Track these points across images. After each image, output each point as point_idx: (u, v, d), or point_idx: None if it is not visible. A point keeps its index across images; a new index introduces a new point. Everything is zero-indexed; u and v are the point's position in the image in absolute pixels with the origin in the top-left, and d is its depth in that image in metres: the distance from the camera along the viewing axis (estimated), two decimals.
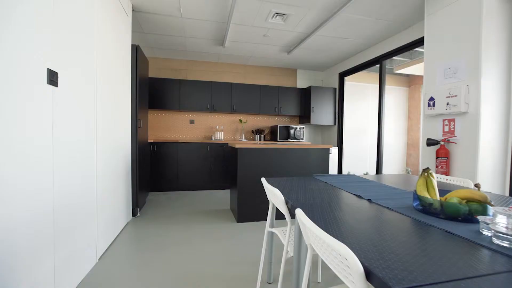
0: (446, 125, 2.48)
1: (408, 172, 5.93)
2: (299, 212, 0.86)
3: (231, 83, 4.88)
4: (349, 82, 5.33)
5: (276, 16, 3.16)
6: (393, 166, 6.45)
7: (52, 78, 1.32)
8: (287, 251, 1.22)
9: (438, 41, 2.55)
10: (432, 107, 2.57)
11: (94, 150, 1.90)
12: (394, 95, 6.57)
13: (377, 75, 6.35)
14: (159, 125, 4.91)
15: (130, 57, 2.88)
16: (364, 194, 1.28)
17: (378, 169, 4.06)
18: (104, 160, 2.12)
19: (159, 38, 3.94)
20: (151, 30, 3.64)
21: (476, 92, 2.22)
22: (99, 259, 1.98)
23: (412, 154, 6.40)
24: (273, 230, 1.54)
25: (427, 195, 1.02)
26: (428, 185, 1.05)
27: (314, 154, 3.13)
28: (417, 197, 1.03)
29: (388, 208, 1.06)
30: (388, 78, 6.52)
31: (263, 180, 1.50)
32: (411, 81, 6.40)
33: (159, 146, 4.33)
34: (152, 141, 4.25)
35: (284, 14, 3.11)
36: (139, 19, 3.30)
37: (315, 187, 1.45)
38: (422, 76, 6.16)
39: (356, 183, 1.58)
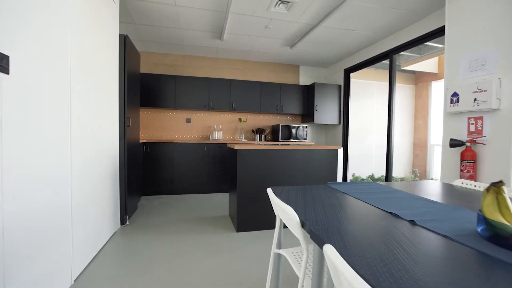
0: (472, 123, 2.20)
1: (415, 174, 5.66)
2: (330, 251, 0.58)
3: (230, 80, 4.59)
4: (353, 80, 5.04)
5: (279, 4, 2.87)
6: (398, 167, 6.18)
7: (0, 62, 1.03)
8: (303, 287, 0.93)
9: (463, 29, 2.27)
10: (456, 104, 2.29)
11: (67, 153, 1.60)
12: (400, 93, 6.29)
13: (382, 72, 6.09)
14: (153, 124, 4.61)
15: (117, 49, 2.59)
16: (401, 211, 0.99)
17: (388, 172, 3.78)
18: (83, 164, 1.83)
19: (152, 30, 3.64)
20: (142, 20, 3.34)
21: (510, 86, 1.94)
22: (75, 280, 1.69)
23: (418, 155, 6.13)
24: (281, 252, 1.25)
25: (502, 220, 0.73)
26: (500, 205, 0.76)
27: (322, 156, 2.84)
28: (485, 221, 0.74)
29: (444, 236, 0.77)
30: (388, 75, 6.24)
31: (270, 191, 1.21)
32: (418, 78, 6.13)
33: (152, 146, 4.03)
34: (145, 141, 3.96)
35: (288, 2, 2.82)
36: (129, 7, 3.01)
37: (335, 201, 1.16)
38: (430, 73, 5.91)
39: (382, 195, 1.30)
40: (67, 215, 1.61)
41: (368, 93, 5.97)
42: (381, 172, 5.81)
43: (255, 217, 2.65)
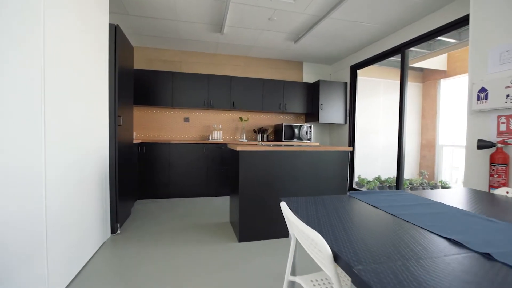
0: (503, 122, 1.97)
1: (423, 176, 5.43)
2: None
3: (231, 77, 4.35)
4: (359, 77, 4.80)
5: None
6: (405, 168, 5.93)
7: None
8: None
9: (492, 16, 2.03)
10: (484, 101, 2.05)
11: (40, 156, 1.36)
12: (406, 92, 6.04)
13: (389, 69, 5.85)
14: (149, 123, 4.36)
15: (107, 40, 2.34)
16: (461, 237, 0.75)
17: (399, 174, 3.54)
18: (64, 169, 1.59)
19: (147, 22, 3.39)
20: (136, 10, 3.09)
21: None
22: None
23: (426, 156, 5.90)
24: (297, 280, 1.01)
25: None
26: None
27: (331, 158, 2.60)
28: None
29: None
30: (396, 72, 5.98)
31: (284, 207, 0.97)
32: (426, 76, 5.89)
33: (148, 147, 3.78)
34: (140, 141, 3.71)
35: None
36: None
37: (368, 221, 0.92)
38: (438, 71, 5.67)
39: (420, 209, 1.06)
40: (41, 228, 1.36)
41: (374, 92, 5.73)
42: (387, 173, 5.58)
43: (259, 225, 2.40)
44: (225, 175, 4.08)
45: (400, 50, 3.54)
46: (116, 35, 2.41)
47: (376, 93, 5.78)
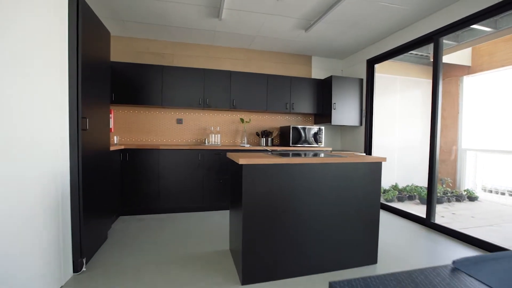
0: None
1: (445, 183, 4.86)
2: None
3: (230, 72, 3.76)
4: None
5: None
6: (421, 173, 5.37)
7: None
8: None
9: None
10: None
11: None
12: (422, 89, 5.51)
13: (407, 65, 5.28)
14: (135, 126, 3.77)
15: (65, 21, 1.76)
16: None
17: (432, 185, 2.97)
18: None
19: (128, 2, 2.80)
20: None
21: None
22: None
23: (445, 160, 5.32)
24: None
25: None
26: None
27: (360, 171, 2.03)
28: None
29: None
30: (413, 69, 5.45)
31: None
32: (446, 72, 5.31)
33: (133, 154, 3.20)
34: (122, 147, 3.12)
35: None
36: None
37: None
38: (461, 67, 5.07)
39: None
40: None
41: (389, 90, 5.17)
42: (405, 181, 5.02)
43: (267, 260, 1.82)
44: (224, 186, 3.50)
45: (432, 39, 2.97)
46: (79, 12, 1.82)
47: (392, 91, 5.22)
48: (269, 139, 4.06)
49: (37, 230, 1.48)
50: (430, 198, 2.98)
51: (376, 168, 2.07)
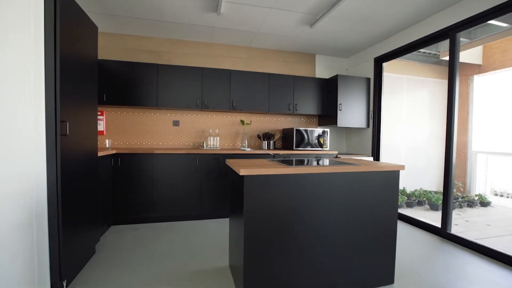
0: None
1: (456, 187, 4.63)
2: None
3: (230, 71, 3.54)
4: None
5: None
6: (429, 176, 5.16)
7: None
8: None
9: None
10: None
11: None
12: (430, 89, 5.29)
13: (412, 64, 5.06)
14: (129, 128, 3.54)
15: (41, 11, 1.54)
16: None
17: (448, 191, 2.75)
18: None
19: None
20: None
21: None
22: None
23: (456, 163, 5.09)
24: None
25: None
26: None
27: (375, 181, 1.81)
28: None
29: None
30: (420, 68, 5.23)
31: None
32: None
33: (126, 159, 2.98)
34: (114, 152, 2.91)
35: None
36: None
37: None
38: (471, 65, 4.84)
39: None
40: None
41: (395, 90, 4.95)
42: (412, 184, 4.79)
43: (273, 279, 1.60)
44: (222, 193, 3.27)
45: (448, 34, 2.75)
46: (56, 4, 1.59)
47: (398, 91, 5.00)
48: (271, 142, 3.84)
49: (4, 253, 1.26)
50: (446, 206, 2.76)
51: (393, 177, 1.85)
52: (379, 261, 1.84)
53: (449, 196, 2.75)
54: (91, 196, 2.15)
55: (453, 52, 2.71)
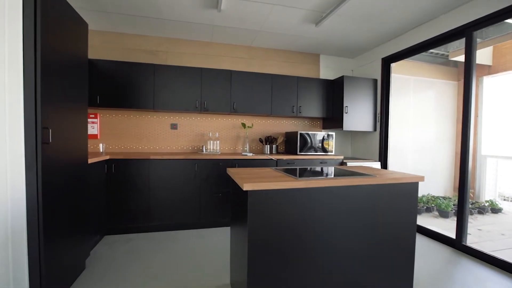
0: None
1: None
2: None
3: (230, 71, 3.37)
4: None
5: None
6: (436, 180, 4.99)
7: None
8: None
9: None
10: None
11: None
12: (437, 90, 5.13)
13: (419, 65, 4.89)
14: (124, 132, 3.36)
15: (20, 8, 1.36)
16: None
17: (463, 199, 2.58)
18: None
19: None
20: None
21: None
22: None
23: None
24: None
25: None
26: None
27: (393, 193, 1.63)
28: None
29: None
30: (427, 68, 5.06)
31: None
32: (463, 72, 4.91)
33: (120, 165, 2.80)
34: (107, 158, 2.73)
35: None
36: None
37: None
38: (480, 66, 4.63)
39: None
40: None
41: (402, 91, 4.78)
42: (420, 190, 4.62)
43: None
44: (223, 200, 3.10)
45: (464, 33, 2.58)
46: None
47: (405, 93, 4.83)
48: (274, 146, 3.67)
49: None
50: (461, 216, 2.59)
51: (412, 189, 1.67)
52: (396, 277, 1.67)
53: (464, 207, 2.57)
54: (79, 208, 1.97)
55: (470, 52, 2.54)
